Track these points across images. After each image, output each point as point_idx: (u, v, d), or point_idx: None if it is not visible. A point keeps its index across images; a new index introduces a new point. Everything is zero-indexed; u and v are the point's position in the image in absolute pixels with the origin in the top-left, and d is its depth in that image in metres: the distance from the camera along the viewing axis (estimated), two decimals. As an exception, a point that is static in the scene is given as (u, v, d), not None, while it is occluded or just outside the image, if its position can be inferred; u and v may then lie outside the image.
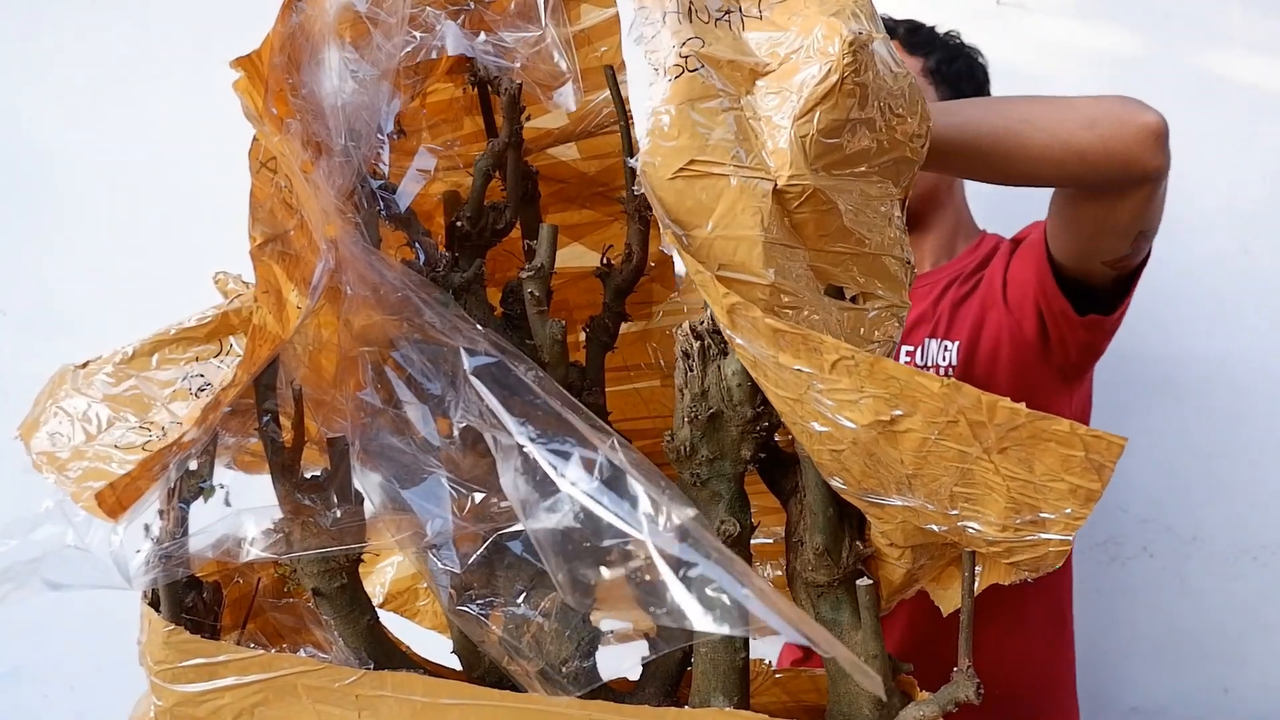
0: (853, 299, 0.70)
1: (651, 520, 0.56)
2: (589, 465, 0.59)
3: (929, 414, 0.56)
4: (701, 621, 0.53)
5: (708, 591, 0.54)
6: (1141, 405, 1.57)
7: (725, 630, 0.53)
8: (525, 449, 0.60)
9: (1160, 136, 1.00)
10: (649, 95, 0.67)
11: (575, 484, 0.58)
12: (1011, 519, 0.58)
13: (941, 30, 1.35)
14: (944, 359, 1.27)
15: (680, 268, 0.84)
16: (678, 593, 0.54)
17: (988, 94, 1.36)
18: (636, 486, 0.58)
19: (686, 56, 0.66)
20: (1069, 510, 0.57)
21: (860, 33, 0.64)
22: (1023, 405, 0.56)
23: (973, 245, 1.35)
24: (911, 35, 1.31)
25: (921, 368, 1.24)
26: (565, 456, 0.59)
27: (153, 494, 0.68)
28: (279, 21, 0.66)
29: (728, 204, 0.65)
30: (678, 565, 0.55)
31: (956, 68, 1.31)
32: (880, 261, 0.71)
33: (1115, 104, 1.01)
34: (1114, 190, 1.04)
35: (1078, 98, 1.03)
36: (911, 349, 1.29)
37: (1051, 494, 0.57)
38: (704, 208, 0.65)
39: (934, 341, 1.28)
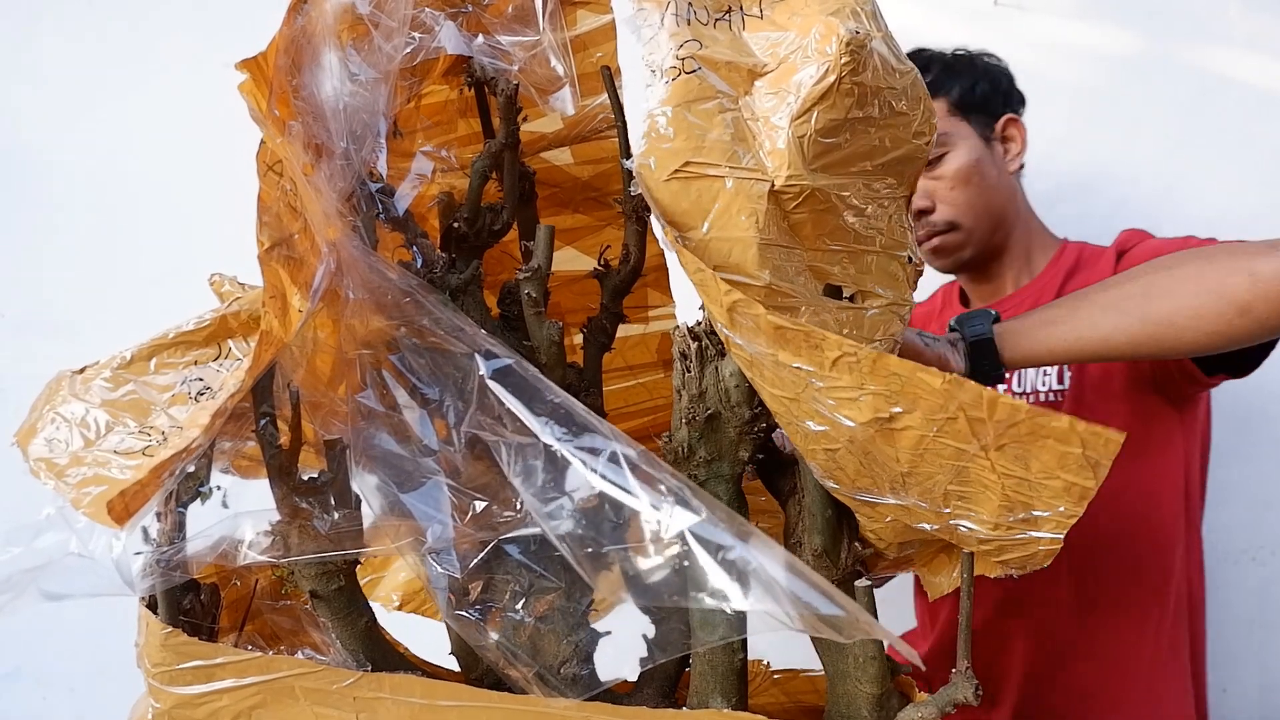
0: (850, 298, 0.71)
1: (682, 509, 0.57)
2: (617, 459, 0.59)
3: (929, 410, 0.56)
4: (742, 603, 0.54)
5: (747, 573, 0.54)
6: (1140, 405, 1.56)
7: (766, 608, 0.54)
8: (552, 448, 0.60)
9: None
10: (646, 97, 0.67)
11: (607, 477, 0.59)
12: (1005, 517, 0.59)
13: (949, 53, 1.28)
14: (1044, 384, 1.20)
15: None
16: (717, 576, 0.55)
17: (1016, 99, 1.29)
18: (664, 478, 0.58)
19: (684, 59, 0.66)
20: (1062, 508, 0.57)
21: (858, 32, 0.64)
22: (1023, 402, 0.56)
23: (1054, 257, 1.28)
24: (922, 77, 1.24)
25: (1021, 396, 1.19)
26: (593, 452, 0.60)
27: (156, 499, 0.68)
28: (284, 24, 0.66)
29: (723, 205, 0.65)
30: (715, 550, 0.55)
31: (980, 91, 1.25)
32: (881, 260, 0.71)
33: (1271, 277, 0.83)
34: None
35: (1222, 270, 0.85)
36: (1007, 374, 1.20)
37: (1046, 491, 0.57)
38: (700, 209, 0.65)
39: (1031, 368, 1.20)
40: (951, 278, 1.38)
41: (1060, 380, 1.19)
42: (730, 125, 0.67)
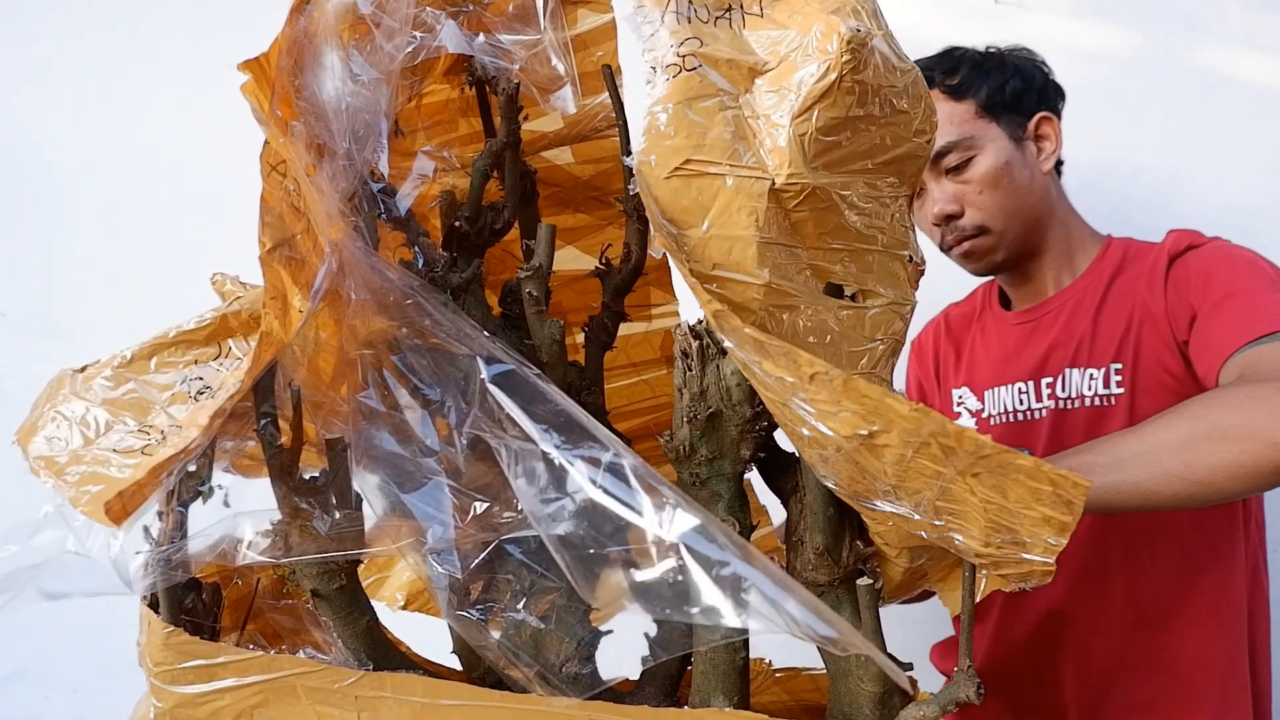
0: (852, 297, 0.71)
1: (679, 521, 0.56)
2: (614, 469, 0.59)
3: (903, 433, 0.56)
4: (735, 619, 0.54)
5: (742, 590, 0.54)
6: (1141, 404, 1.56)
7: (757, 627, 0.54)
8: (550, 455, 0.60)
9: None
10: (647, 94, 0.67)
11: (604, 488, 0.59)
12: (992, 538, 0.59)
13: (980, 51, 1.25)
14: (1089, 388, 1.16)
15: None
16: (710, 592, 0.54)
17: (1053, 94, 1.26)
18: (661, 489, 0.58)
19: (684, 56, 0.66)
20: (1047, 538, 0.57)
21: (858, 30, 0.64)
22: (988, 437, 0.55)
23: (1098, 255, 1.23)
24: (949, 79, 1.21)
25: (1066, 400, 1.17)
26: (591, 461, 0.60)
27: (154, 498, 0.68)
28: (287, 25, 0.66)
29: (723, 203, 0.65)
30: (709, 565, 0.55)
31: (1011, 89, 1.21)
32: (882, 259, 0.71)
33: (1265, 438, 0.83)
34: None
35: (1266, 432, 0.84)
36: (1050, 380, 1.19)
37: (1027, 520, 0.57)
38: (699, 207, 0.65)
39: (1076, 371, 1.17)
40: (990, 278, 1.35)
41: (1106, 384, 1.15)
42: (731, 123, 0.67)
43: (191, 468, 0.71)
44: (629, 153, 0.78)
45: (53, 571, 0.68)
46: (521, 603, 0.70)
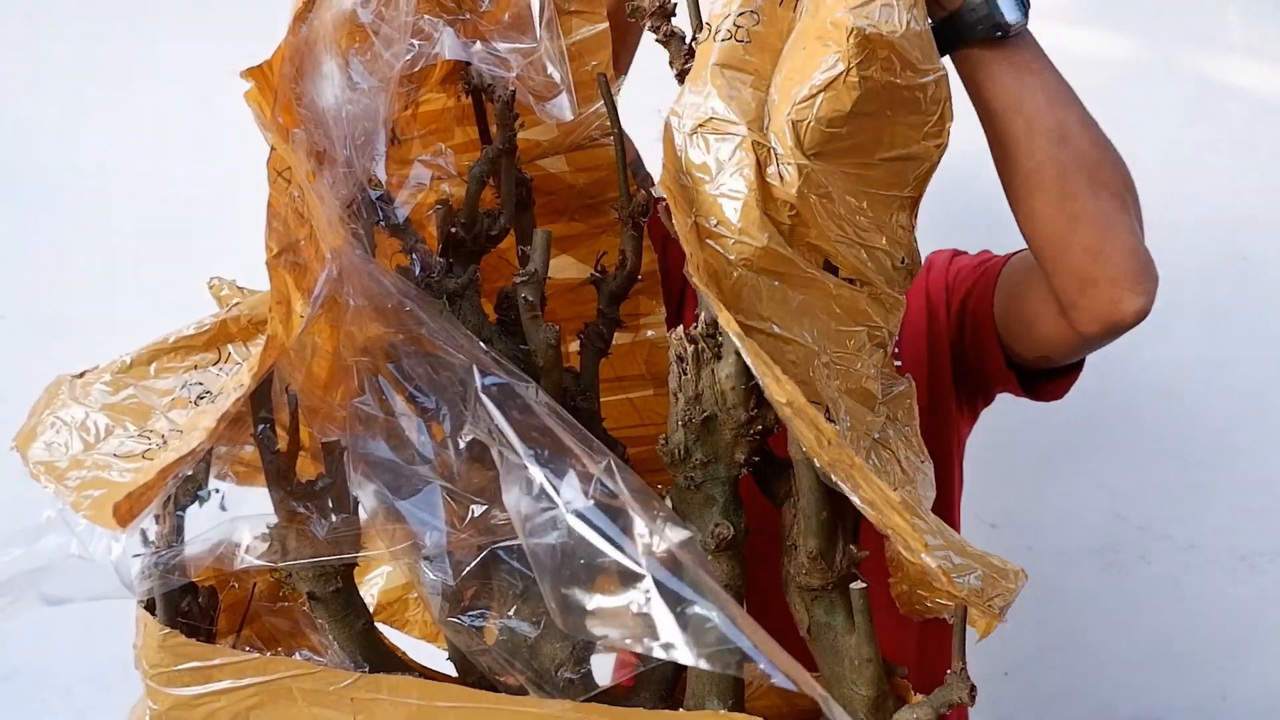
0: (850, 282, 0.72)
1: (652, 553, 0.57)
2: (591, 494, 0.60)
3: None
4: (690, 658, 0.54)
5: (703, 630, 0.55)
6: (1138, 411, 1.57)
7: (712, 668, 0.55)
8: (530, 470, 0.61)
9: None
10: (694, 46, 0.73)
11: (578, 511, 0.59)
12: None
13: None
14: None
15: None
16: (671, 629, 0.55)
17: None
18: (636, 516, 0.58)
19: (738, 27, 0.70)
20: None
21: (867, 28, 0.65)
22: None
23: None
24: None
25: None
26: (570, 483, 0.60)
27: (157, 501, 0.69)
28: (290, 33, 0.66)
29: (735, 164, 0.68)
30: (675, 601, 0.56)
31: None
32: (877, 255, 0.73)
33: (1142, 260, 0.87)
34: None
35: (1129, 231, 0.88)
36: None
37: None
38: (715, 162, 0.69)
39: None
40: None
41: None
42: (754, 98, 0.70)
43: (188, 472, 0.72)
44: (624, 161, 0.79)
45: (54, 576, 0.69)
46: (514, 609, 0.70)
